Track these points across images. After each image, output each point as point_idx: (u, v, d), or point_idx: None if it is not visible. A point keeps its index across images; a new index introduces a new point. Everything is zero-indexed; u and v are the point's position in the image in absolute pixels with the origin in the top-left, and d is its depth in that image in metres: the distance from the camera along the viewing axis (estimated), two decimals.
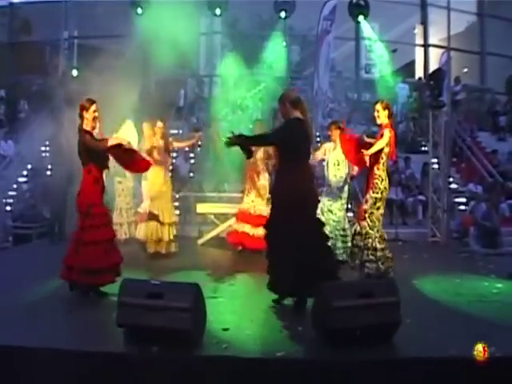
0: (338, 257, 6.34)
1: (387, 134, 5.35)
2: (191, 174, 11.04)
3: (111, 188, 7.08)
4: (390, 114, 5.51)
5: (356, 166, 6.30)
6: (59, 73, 12.68)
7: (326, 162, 6.67)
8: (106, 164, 4.98)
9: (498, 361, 3.30)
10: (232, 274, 5.84)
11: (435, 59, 14.61)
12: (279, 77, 13.31)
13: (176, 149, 9.06)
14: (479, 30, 16.32)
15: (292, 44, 16.10)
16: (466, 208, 9.58)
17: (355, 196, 8.61)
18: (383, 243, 5.46)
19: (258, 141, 5.08)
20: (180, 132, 11.62)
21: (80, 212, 4.83)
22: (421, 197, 10.18)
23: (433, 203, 8.90)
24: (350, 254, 5.80)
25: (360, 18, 13.29)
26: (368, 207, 5.42)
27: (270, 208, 4.78)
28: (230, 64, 9.92)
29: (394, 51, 15.10)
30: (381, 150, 5.37)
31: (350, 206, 7.85)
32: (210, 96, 14.34)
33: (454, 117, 12.29)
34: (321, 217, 6.45)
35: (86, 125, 4.84)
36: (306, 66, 16.36)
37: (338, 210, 6.56)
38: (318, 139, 10.67)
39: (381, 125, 5.50)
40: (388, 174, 5.52)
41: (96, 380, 3.34)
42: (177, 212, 8.01)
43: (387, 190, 5.50)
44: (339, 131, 6.54)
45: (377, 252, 5.42)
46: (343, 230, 6.52)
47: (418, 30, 16.35)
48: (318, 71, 12.72)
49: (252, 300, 4.81)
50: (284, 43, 14.42)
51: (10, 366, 3.41)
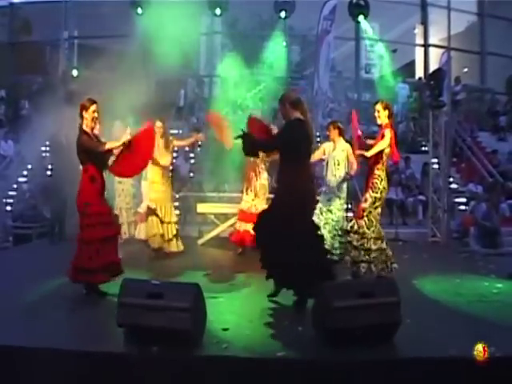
0: (335, 257, 6.36)
1: (388, 135, 5.35)
2: (191, 174, 11.05)
3: (111, 188, 7.07)
4: (391, 114, 5.52)
5: (355, 164, 6.37)
6: (59, 73, 12.70)
7: (326, 162, 6.67)
8: (105, 164, 4.98)
9: (498, 361, 3.30)
10: (232, 274, 5.84)
11: (435, 59, 14.61)
12: (279, 77, 13.30)
13: (176, 148, 9.06)
14: (479, 30, 16.30)
15: (292, 44, 16.09)
16: (466, 208, 9.59)
17: (355, 195, 8.60)
18: (378, 244, 5.46)
19: (264, 147, 4.96)
20: (180, 132, 11.61)
21: (78, 211, 4.87)
22: (421, 197, 10.18)
23: (433, 203, 8.90)
24: (345, 251, 5.79)
25: (360, 18, 13.29)
26: (367, 206, 5.43)
27: (269, 205, 4.79)
28: (230, 64, 9.89)
29: (394, 51, 15.12)
30: (381, 151, 5.38)
31: (351, 206, 7.83)
32: (210, 96, 14.36)
33: (454, 117, 12.28)
34: (320, 217, 6.49)
35: (86, 125, 4.84)
36: (306, 66, 16.35)
37: (338, 210, 6.56)
38: (318, 139, 10.67)
39: (381, 125, 5.51)
40: (387, 175, 5.54)
41: (96, 380, 3.34)
42: (177, 212, 8.00)
43: (386, 190, 5.52)
44: (338, 131, 6.59)
45: (371, 253, 5.43)
46: (341, 230, 6.52)
47: (418, 30, 16.34)
48: (318, 71, 12.73)
49: (252, 300, 4.80)
50: (284, 43, 14.40)
51: (10, 366, 3.41)
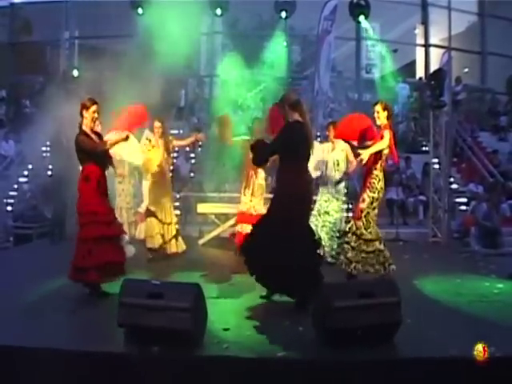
0: (334, 258, 6.35)
1: (387, 136, 5.35)
2: (192, 174, 11.04)
3: (112, 188, 7.06)
4: (390, 115, 5.52)
5: (354, 162, 6.30)
6: (60, 73, 12.70)
7: (325, 163, 6.66)
8: (104, 163, 4.97)
9: (499, 361, 3.30)
10: (233, 274, 5.83)
11: (436, 59, 14.60)
12: (280, 77, 13.30)
13: (176, 148, 9.05)
14: (480, 30, 16.27)
15: (293, 44, 16.06)
16: (467, 208, 9.58)
17: (356, 196, 8.59)
18: (375, 245, 5.43)
19: (266, 151, 4.85)
20: (181, 132, 11.61)
21: (76, 210, 4.88)
22: (421, 197, 10.17)
23: (434, 203, 8.89)
24: (342, 251, 5.78)
25: (361, 18, 13.28)
26: (365, 206, 5.42)
27: (268, 207, 4.80)
28: (231, 64, 9.89)
29: (395, 51, 15.11)
30: (380, 151, 5.37)
31: (351, 206, 7.82)
32: (211, 96, 14.35)
33: (455, 117, 12.27)
34: (318, 218, 6.49)
35: (86, 124, 4.84)
36: (307, 66, 16.33)
37: (335, 212, 6.56)
38: (319, 139, 10.67)
39: (380, 126, 5.50)
40: (385, 175, 5.53)
41: (96, 380, 3.34)
42: (177, 212, 7.99)
43: (383, 191, 5.51)
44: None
45: (368, 254, 5.43)
46: (338, 232, 6.52)
47: (419, 30, 16.32)
48: (319, 71, 12.72)
49: (252, 300, 4.80)
50: (285, 43, 14.39)
51: (11, 366, 3.41)
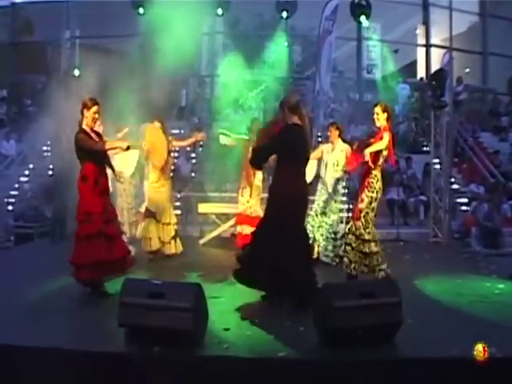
0: (329, 259, 6.39)
1: (386, 138, 5.34)
2: (193, 174, 11.04)
3: (113, 188, 7.06)
4: (389, 117, 5.50)
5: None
6: (61, 72, 12.71)
7: (325, 163, 6.64)
8: (103, 162, 4.96)
9: (499, 361, 3.30)
10: None
11: (437, 59, 14.61)
12: (281, 77, 13.31)
13: (177, 148, 9.05)
14: (481, 30, 16.28)
15: (294, 44, 16.06)
16: (468, 208, 9.58)
17: (356, 196, 8.58)
18: (372, 246, 5.40)
19: (262, 153, 4.85)
20: (182, 132, 11.62)
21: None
22: (422, 197, 10.17)
23: (434, 203, 8.89)
24: (343, 252, 5.76)
25: (362, 18, 13.27)
26: (364, 206, 5.40)
27: (265, 210, 4.81)
28: (232, 64, 9.90)
29: (396, 51, 15.11)
30: (379, 152, 5.37)
31: (352, 206, 7.81)
32: (212, 96, 14.37)
33: (456, 117, 12.26)
34: (315, 219, 6.49)
35: (86, 123, 4.83)
36: (308, 67, 16.32)
37: (333, 213, 6.56)
38: (320, 139, 10.67)
39: (379, 127, 5.49)
40: (383, 175, 5.52)
41: (97, 380, 3.34)
42: (178, 212, 7.99)
43: (381, 191, 5.50)
44: (338, 132, 6.59)
45: (367, 255, 5.42)
46: (334, 234, 6.53)
47: (420, 30, 16.32)
48: (320, 71, 12.73)
49: (253, 300, 4.79)
50: (286, 43, 14.40)
51: (11, 366, 3.41)
